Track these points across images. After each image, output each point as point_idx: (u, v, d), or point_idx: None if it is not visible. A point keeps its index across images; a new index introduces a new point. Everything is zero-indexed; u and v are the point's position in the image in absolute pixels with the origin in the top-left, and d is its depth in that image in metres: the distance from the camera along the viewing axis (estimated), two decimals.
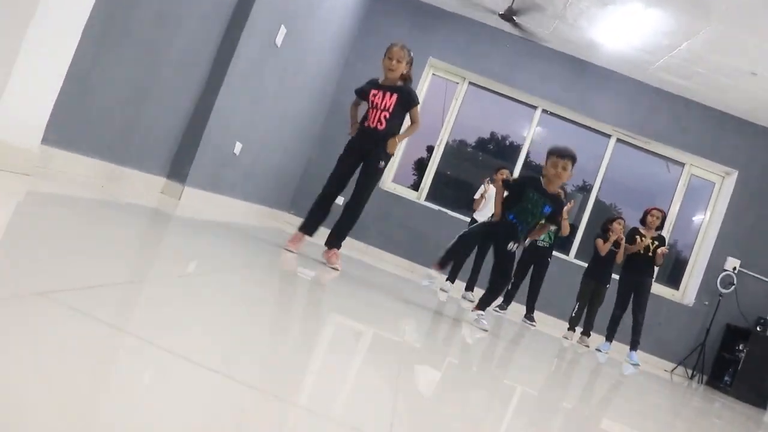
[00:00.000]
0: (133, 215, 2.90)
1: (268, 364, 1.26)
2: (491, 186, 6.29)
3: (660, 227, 6.25)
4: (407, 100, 3.81)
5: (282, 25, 4.98)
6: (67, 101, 2.90)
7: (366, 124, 3.80)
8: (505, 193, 3.85)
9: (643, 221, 6.31)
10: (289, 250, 3.74)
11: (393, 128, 3.79)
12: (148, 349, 1.02)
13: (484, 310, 3.88)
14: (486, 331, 3.70)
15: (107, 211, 2.66)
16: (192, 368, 1.01)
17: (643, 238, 6.16)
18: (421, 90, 8.20)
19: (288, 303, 2.25)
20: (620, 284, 6.33)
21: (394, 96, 3.77)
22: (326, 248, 3.89)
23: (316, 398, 1.17)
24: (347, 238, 4.00)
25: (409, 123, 3.92)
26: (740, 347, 7.34)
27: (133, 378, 0.90)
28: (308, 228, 3.88)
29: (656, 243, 6.16)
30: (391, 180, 8.18)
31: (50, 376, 0.79)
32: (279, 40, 5.01)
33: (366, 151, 3.81)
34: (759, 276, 7.74)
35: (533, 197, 3.70)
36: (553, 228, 6.30)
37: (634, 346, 6.16)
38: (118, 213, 2.73)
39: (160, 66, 3.70)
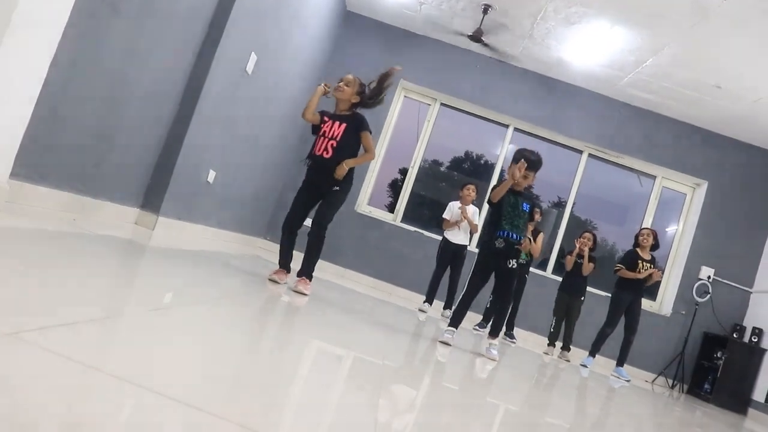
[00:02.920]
0: (106, 247, 2.86)
1: (248, 396, 1.24)
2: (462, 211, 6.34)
3: (655, 246, 6.29)
4: (357, 127, 3.82)
5: (252, 53, 4.99)
6: (36, 134, 2.87)
7: (314, 151, 3.81)
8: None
9: (636, 243, 6.36)
10: (274, 281, 3.74)
11: (342, 157, 3.77)
12: (126, 388, 1.01)
13: (496, 336, 3.88)
14: (495, 360, 3.71)
15: (80, 244, 2.62)
16: (171, 405, 1.00)
17: (643, 263, 6.18)
18: (393, 112, 8.25)
19: (265, 332, 2.23)
20: (614, 302, 6.35)
21: (343, 125, 3.79)
22: (297, 276, 3.87)
23: (298, 429, 1.16)
24: (326, 263, 3.97)
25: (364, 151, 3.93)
26: (718, 355, 7.41)
27: (110, 420, 0.89)
28: (283, 264, 3.89)
29: (651, 266, 6.21)
30: (366, 203, 8.19)
31: (22, 421, 0.77)
32: (250, 67, 5.02)
33: (319, 182, 3.81)
34: (733, 284, 7.85)
35: (510, 200, 3.76)
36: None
37: (621, 362, 6.20)
38: (91, 246, 2.70)
39: (130, 96, 3.68)
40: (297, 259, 3.89)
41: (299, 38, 6.23)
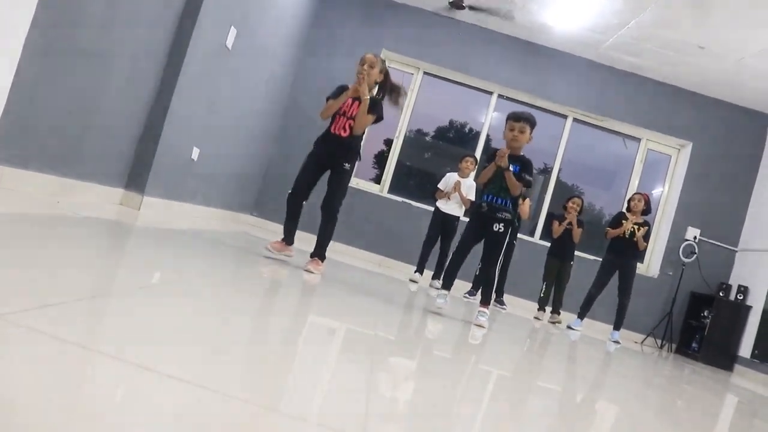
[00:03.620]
0: (91, 229, 2.84)
1: (241, 370, 1.24)
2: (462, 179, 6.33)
3: (646, 211, 6.30)
4: (373, 110, 3.80)
5: (232, 27, 4.91)
6: (13, 117, 2.82)
7: (331, 129, 3.81)
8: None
9: (627, 208, 6.38)
10: (269, 249, 3.78)
11: (357, 139, 3.82)
12: (117, 365, 1.00)
13: (489, 304, 3.86)
14: (484, 327, 3.69)
15: (64, 226, 2.60)
16: (164, 381, 0.99)
17: (626, 222, 6.22)
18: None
19: (255, 306, 2.22)
20: (602, 265, 6.39)
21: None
22: (310, 256, 3.88)
23: (292, 402, 1.16)
24: (314, 237, 3.95)
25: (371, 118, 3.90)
26: (705, 313, 7.52)
27: (104, 397, 0.88)
28: (287, 238, 3.91)
29: (642, 229, 6.22)
30: (353, 175, 8.14)
31: (14, 402, 0.76)
32: (230, 42, 4.94)
33: (329, 156, 3.80)
34: (718, 243, 7.93)
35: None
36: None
37: (617, 326, 6.25)
38: (75, 228, 2.67)
39: (108, 75, 3.62)
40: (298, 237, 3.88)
41: (278, 10, 6.14)
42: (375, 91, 3.89)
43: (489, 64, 8.09)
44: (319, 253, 3.86)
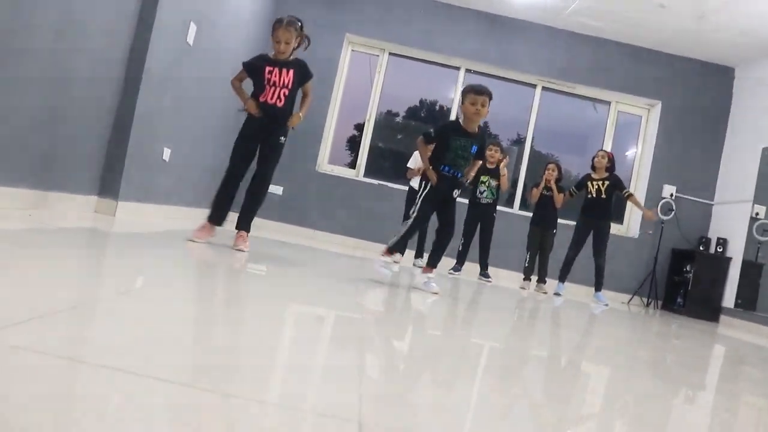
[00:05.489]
0: (66, 239, 2.79)
1: (231, 366, 1.22)
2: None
3: (611, 168, 6.35)
4: (304, 75, 3.81)
5: (191, 23, 4.83)
6: None
7: (264, 100, 3.72)
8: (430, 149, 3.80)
9: (592, 167, 6.43)
10: (194, 241, 3.61)
11: (292, 105, 3.78)
12: (106, 373, 0.98)
13: (435, 267, 3.84)
14: (437, 293, 3.68)
15: (38, 239, 2.54)
16: (156, 385, 0.97)
17: (593, 183, 6.28)
18: (343, 67, 8.13)
19: (241, 301, 2.20)
20: (576, 227, 6.45)
21: (291, 71, 3.73)
22: (236, 231, 3.84)
23: (285, 393, 1.14)
24: (294, 227, 3.94)
25: (302, 97, 3.89)
26: (687, 268, 7.62)
27: (99, 407, 0.86)
28: (217, 218, 3.79)
29: (608, 183, 6.27)
30: (327, 162, 8.12)
31: (9, 425, 0.74)
32: (191, 38, 4.86)
33: (267, 129, 3.75)
34: (695, 198, 8.02)
35: (459, 143, 3.66)
36: (494, 183, 6.40)
37: (598, 287, 6.32)
38: (50, 239, 2.62)
39: (69, 81, 3.54)
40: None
41: (237, 1, 6.05)
42: (296, 51, 3.82)
43: (454, 39, 8.06)
44: (248, 227, 3.85)
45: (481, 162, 3.89)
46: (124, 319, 1.41)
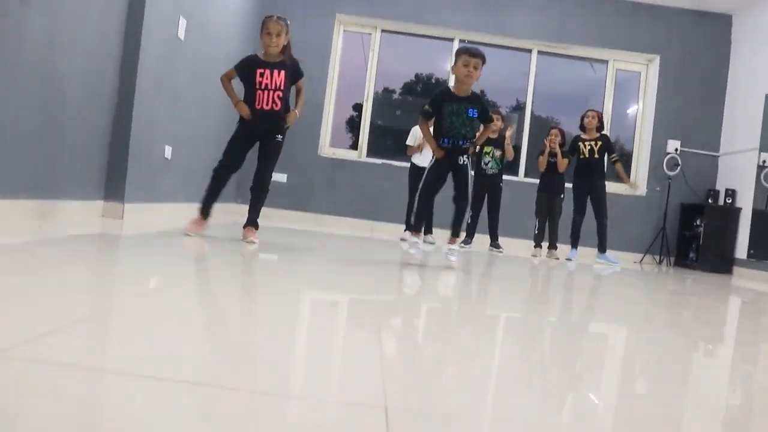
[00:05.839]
0: (78, 247, 2.80)
1: (253, 362, 1.22)
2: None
3: (600, 127, 6.34)
4: (295, 75, 3.76)
5: (181, 17, 4.80)
6: None
7: (259, 106, 3.69)
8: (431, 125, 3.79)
9: (581, 127, 6.41)
10: (189, 234, 3.64)
11: (287, 104, 3.76)
12: (130, 380, 0.98)
13: (458, 236, 3.83)
14: (451, 266, 3.68)
15: (50, 249, 2.55)
16: (181, 388, 0.97)
17: (585, 144, 6.25)
18: (336, 49, 8.07)
19: (257, 294, 2.20)
20: (573, 190, 6.44)
21: (282, 72, 3.69)
22: (244, 228, 3.88)
23: (308, 385, 1.15)
24: (300, 213, 3.95)
25: (296, 93, 3.86)
26: (698, 222, 7.59)
27: (126, 415, 0.86)
28: (206, 210, 3.82)
29: (600, 143, 6.25)
30: (328, 145, 8.10)
31: None
32: (181, 33, 4.83)
33: (264, 131, 3.73)
34: (700, 151, 7.96)
35: (451, 108, 3.64)
36: (498, 154, 6.37)
37: (602, 248, 6.32)
38: (62, 248, 2.63)
39: (64, 88, 3.53)
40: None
41: None
42: (285, 53, 3.77)
43: (445, 10, 7.98)
44: (256, 222, 3.88)
45: (492, 126, 3.83)
46: (144, 322, 1.42)
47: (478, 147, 3.81)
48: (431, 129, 3.76)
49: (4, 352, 1.01)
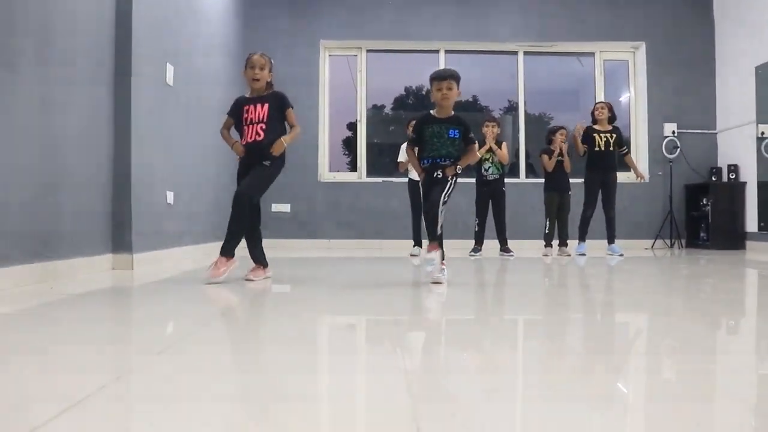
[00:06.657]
0: (92, 304, 2.80)
1: (284, 402, 1.22)
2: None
3: (612, 119, 6.33)
4: (280, 105, 3.75)
5: (167, 64, 4.84)
6: None
7: (246, 140, 3.72)
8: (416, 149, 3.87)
9: (593, 120, 6.39)
10: (211, 279, 3.53)
11: (274, 136, 3.70)
12: None
13: (435, 240, 3.63)
14: (440, 283, 3.55)
15: (64, 311, 2.56)
16: None
17: (600, 135, 6.23)
18: (324, 74, 8.13)
19: (275, 331, 2.20)
20: (586, 183, 6.41)
21: (266, 105, 3.70)
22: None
23: (340, 415, 1.15)
24: (308, 240, 3.94)
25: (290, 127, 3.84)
26: (704, 201, 7.57)
27: None
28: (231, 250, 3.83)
29: (615, 136, 6.24)
30: (327, 171, 8.13)
31: None
32: (170, 78, 4.87)
33: (253, 161, 3.73)
34: (697, 131, 7.97)
35: (431, 130, 3.72)
36: (497, 159, 6.37)
37: (611, 240, 6.30)
38: (76, 309, 2.63)
39: (61, 147, 3.55)
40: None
41: (205, 30, 6.06)
42: (268, 88, 3.79)
43: (427, 24, 8.04)
44: (256, 258, 3.92)
45: (477, 147, 3.86)
46: (168, 380, 1.42)
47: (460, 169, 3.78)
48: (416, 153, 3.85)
49: (41, 429, 1.01)
